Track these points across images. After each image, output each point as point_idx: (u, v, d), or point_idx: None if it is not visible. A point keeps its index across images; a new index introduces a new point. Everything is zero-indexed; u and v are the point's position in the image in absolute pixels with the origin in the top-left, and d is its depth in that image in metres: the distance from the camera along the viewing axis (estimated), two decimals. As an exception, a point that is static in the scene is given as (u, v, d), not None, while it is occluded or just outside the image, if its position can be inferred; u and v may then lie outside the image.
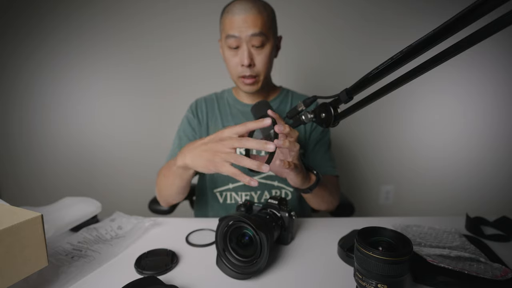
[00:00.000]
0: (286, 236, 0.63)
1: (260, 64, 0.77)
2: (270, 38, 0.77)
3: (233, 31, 0.74)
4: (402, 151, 1.85)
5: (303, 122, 0.61)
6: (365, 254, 0.40)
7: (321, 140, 0.90)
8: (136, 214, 0.74)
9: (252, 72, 0.78)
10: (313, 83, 1.74)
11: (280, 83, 1.01)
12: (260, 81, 0.81)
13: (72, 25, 1.71)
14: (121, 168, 1.89)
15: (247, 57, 0.75)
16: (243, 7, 0.73)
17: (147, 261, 0.56)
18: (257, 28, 0.73)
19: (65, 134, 1.86)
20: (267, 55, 0.77)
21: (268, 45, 0.77)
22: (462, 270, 0.49)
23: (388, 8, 1.64)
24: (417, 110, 1.79)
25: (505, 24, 0.27)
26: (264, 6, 0.76)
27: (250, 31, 0.73)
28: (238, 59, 0.77)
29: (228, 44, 0.76)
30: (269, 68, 0.82)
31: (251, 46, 0.75)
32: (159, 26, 1.69)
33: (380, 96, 0.45)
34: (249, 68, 0.77)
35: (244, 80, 0.79)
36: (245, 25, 0.73)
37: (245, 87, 0.82)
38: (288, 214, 0.62)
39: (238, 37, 0.74)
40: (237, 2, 0.75)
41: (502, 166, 1.83)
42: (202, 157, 0.56)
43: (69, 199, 0.75)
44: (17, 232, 0.40)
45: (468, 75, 1.72)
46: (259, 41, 0.74)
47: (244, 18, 0.72)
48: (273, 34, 0.79)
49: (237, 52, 0.77)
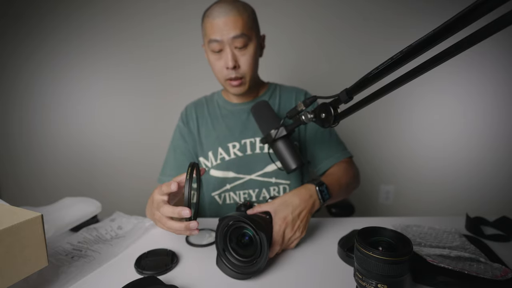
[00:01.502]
0: None
1: (244, 65, 0.77)
2: (252, 38, 0.77)
3: (214, 35, 0.74)
4: (402, 151, 1.85)
5: (303, 122, 0.61)
6: (365, 254, 0.40)
7: (320, 128, 0.87)
8: (136, 214, 0.74)
9: (237, 74, 0.78)
10: (313, 83, 1.74)
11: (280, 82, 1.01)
12: (247, 82, 0.81)
13: (72, 25, 1.71)
14: (121, 168, 1.89)
15: (231, 59, 0.75)
16: (222, 10, 0.73)
17: (147, 261, 0.56)
18: (238, 30, 0.73)
19: (65, 134, 1.86)
20: (251, 55, 0.77)
21: (251, 45, 0.77)
22: (462, 270, 0.49)
23: (388, 8, 1.64)
24: (417, 110, 1.79)
25: (505, 24, 0.27)
26: (243, 7, 0.75)
27: (231, 33, 0.73)
28: (222, 62, 0.77)
29: (211, 48, 0.76)
30: (255, 68, 0.81)
31: (234, 48, 0.75)
32: (159, 26, 1.69)
33: (380, 96, 0.45)
34: (234, 70, 0.77)
35: (231, 83, 0.79)
36: (226, 28, 0.72)
37: (232, 89, 0.81)
38: None
39: (220, 41, 0.74)
40: (216, 5, 0.75)
41: (502, 166, 1.83)
42: (153, 218, 0.60)
43: (69, 199, 0.75)
44: (17, 232, 0.40)
45: (468, 75, 1.72)
46: (241, 43, 0.74)
47: (224, 21, 0.72)
48: (255, 33, 0.78)
49: (221, 56, 0.77)
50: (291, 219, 0.60)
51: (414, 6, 1.64)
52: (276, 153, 0.68)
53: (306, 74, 1.73)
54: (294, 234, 0.60)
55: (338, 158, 0.85)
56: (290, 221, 0.59)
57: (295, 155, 0.66)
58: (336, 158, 0.85)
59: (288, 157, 0.66)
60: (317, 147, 0.87)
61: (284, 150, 0.66)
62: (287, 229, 0.59)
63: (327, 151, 0.86)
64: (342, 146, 0.89)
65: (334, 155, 0.85)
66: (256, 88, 0.90)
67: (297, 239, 0.61)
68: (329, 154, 0.86)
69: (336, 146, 0.87)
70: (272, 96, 0.91)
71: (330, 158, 0.85)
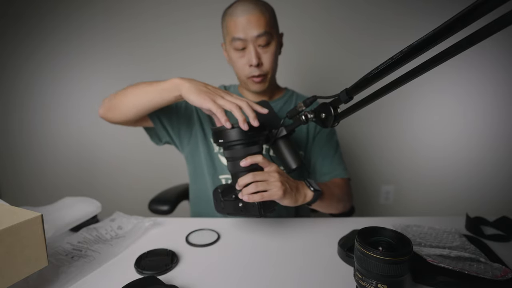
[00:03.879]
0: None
1: (267, 62, 0.79)
2: (274, 36, 0.78)
3: (238, 33, 0.75)
4: (402, 151, 1.85)
5: (303, 122, 0.61)
6: (365, 254, 0.40)
7: (328, 143, 0.89)
8: (136, 214, 0.74)
9: (260, 71, 0.79)
10: (313, 83, 1.74)
11: (280, 82, 1.01)
12: (268, 79, 0.82)
13: (72, 25, 1.71)
14: (121, 168, 1.89)
15: (254, 57, 0.76)
16: (245, 8, 0.74)
17: (147, 261, 0.56)
18: (262, 28, 0.74)
19: (65, 134, 1.86)
20: (273, 53, 0.79)
21: (273, 43, 0.78)
22: (462, 270, 0.49)
23: (388, 8, 1.64)
24: (417, 110, 1.79)
25: (505, 24, 0.27)
26: (265, 6, 0.77)
27: (255, 31, 0.74)
28: (245, 60, 0.78)
29: (234, 47, 0.77)
30: (276, 66, 0.83)
31: (257, 46, 0.76)
32: (160, 26, 1.69)
33: (380, 96, 0.45)
34: (257, 68, 0.78)
35: (254, 79, 0.80)
36: (249, 26, 0.73)
37: (254, 86, 0.82)
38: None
39: (244, 39, 0.75)
40: (238, 3, 0.76)
41: (502, 166, 1.83)
42: (200, 89, 0.61)
43: (69, 199, 0.75)
44: (17, 232, 0.40)
45: (468, 75, 1.72)
46: (264, 40, 0.75)
47: (247, 19, 0.73)
48: (276, 31, 0.80)
49: (244, 53, 0.78)
50: (284, 173, 0.62)
51: (414, 6, 1.64)
52: (277, 153, 0.68)
53: (306, 74, 1.73)
54: (281, 179, 0.59)
55: (336, 176, 0.86)
56: (283, 173, 0.62)
57: (295, 155, 0.66)
58: (334, 175, 0.87)
59: (289, 157, 0.66)
60: (320, 161, 0.89)
61: (285, 150, 0.66)
62: (280, 172, 0.61)
63: (328, 167, 0.88)
64: (343, 166, 0.89)
65: (333, 172, 0.87)
66: (272, 90, 0.90)
67: (278, 186, 0.58)
68: (329, 171, 0.87)
69: (338, 165, 0.88)
70: (288, 102, 0.92)
71: (329, 174, 0.87)
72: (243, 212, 0.60)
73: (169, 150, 1.79)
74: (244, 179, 0.58)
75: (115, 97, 0.75)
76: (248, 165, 0.58)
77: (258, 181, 0.58)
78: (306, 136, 0.89)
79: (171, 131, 0.86)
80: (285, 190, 0.58)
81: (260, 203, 0.57)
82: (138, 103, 0.71)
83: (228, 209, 0.63)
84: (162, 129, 0.84)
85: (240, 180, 0.58)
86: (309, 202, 0.66)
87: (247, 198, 0.57)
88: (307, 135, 0.89)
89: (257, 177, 0.58)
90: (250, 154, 0.59)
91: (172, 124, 0.85)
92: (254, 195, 0.57)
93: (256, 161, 0.59)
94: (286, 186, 0.59)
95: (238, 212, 0.61)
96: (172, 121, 0.85)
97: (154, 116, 0.81)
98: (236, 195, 0.60)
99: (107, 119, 0.79)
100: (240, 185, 0.59)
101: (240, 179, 0.58)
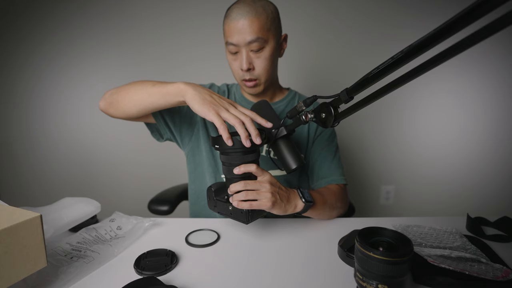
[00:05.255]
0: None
1: (259, 67, 0.78)
2: (269, 40, 0.76)
3: (231, 38, 0.75)
4: (403, 151, 1.85)
5: (303, 122, 0.61)
6: (366, 254, 0.40)
7: (328, 146, 0.89)
8: (135, 214, 0.74)
9: (252, 76, 0.78)
10: (313, 83, 1.74)
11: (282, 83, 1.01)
12: (262, 83, 0.81)
13: (72, 25, 1.71)
14: (121, 168, 1.89)
15: (245, 62, 0.75)
16: (240, 11, 0.73)
17: (147, 261, 0.56)
18: (254, 34, 0.72)
19: (65, 134, 1.85)
20: (266, 58, 0.77)
21: (268, 48, 0.76)
22: (463, 270, 0.48)
23: (388, 8, 1.64)
24: (417, 110, 1.79)
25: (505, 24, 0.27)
26: (263, 7, 0.74)
27: (247, 37, 0.73)
28: (238, 63, 0.78)
29: (228, 50, 0.78)
30: (271, 70, 0.81)
31: (249, 51, 0.76)
32: (160, 26, 1.69)
33: (380, 96, 0.45)
34: (248, 72, 0.78)
35: (246, 83, 0.80)
36: (241, 31, 0.73)
37: (247, 90, 0.83)
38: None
39: (236, 44, 0.75)
40: (236, 6, 0.75)
41: (503, 166, 1.83)
42: (205, 99, 0.60)
43: (69, 199, 0.74)
44: (16, 232, 0.40)
45: (468, 75, 1.72)
46: (256, 46, 0.74)
47: (240, 25, 0.72)
48: (273, 34, 0.77)
49: (237, 57, 0.78)
50: (276, 183, 0.63)
51: (414, 6, 1.64)
52: (276, 153, 0.68)
53: (306, 74, 1.73)
54: (272, 189, 0.60)
55: (333, 181, 0.85)
56: (275, 183, 0.62)
57: (295, 155, 0.66)
58: (331, 180, 0.86)
59: (289, 157, 0.66)
60: (318, 164, 0.88)
61: (284, 149, 0.66)
62: (272, 182, 0.61)
63: (325, 171, 0.87)
64: (340, 171, 0.88)
65: (330, 177, 0.86)
66: (272, 90, 0.90)
67: (268, 197, 0.58)
68: (326, 175, 0.86)
69: (336, 169, 0.87)
70: (290, 103, 0.91)
71: (325, 179, 0.86)
72: (232, 216, 0.62)
73: (169, 151, 1.79)
74: (235, 186, 0.59)
75: (118, 93, 0.75)
76: (240, 173, 0.59)
77: (249, 190, 0.58)
78: (306, 138, 0.89)
79: (173, 129, 0.86)
80: (274, 201, 0.59)
81: (248, 211, 0.58)
82: (141, 103, 0.71)
83: (219, 208, 0.64)
84: (165, 126, 0.84)
85: (232, 186, 0.59)
86: (299, 212, 0.66)
87: (236, 204, 0.58)
88: (307, 138, 0.89)
89: (248, 186, 0.58)
90: (246, 162, 0.59)
91: (174, 122, 0.85)
92: (243, 202, 0.57)
93: (249, 170, 0.59)
94: (276, 197, 0.60)
95: (228, 214, 0.62)
96: (175, 119, 0.85)
97: (157, 113, 0.81)
98: (229, 196, 0.61)
99: (108, 113, 0.79)
100: (231, 191, 0.59)
101: (232, 185, 0.59)
